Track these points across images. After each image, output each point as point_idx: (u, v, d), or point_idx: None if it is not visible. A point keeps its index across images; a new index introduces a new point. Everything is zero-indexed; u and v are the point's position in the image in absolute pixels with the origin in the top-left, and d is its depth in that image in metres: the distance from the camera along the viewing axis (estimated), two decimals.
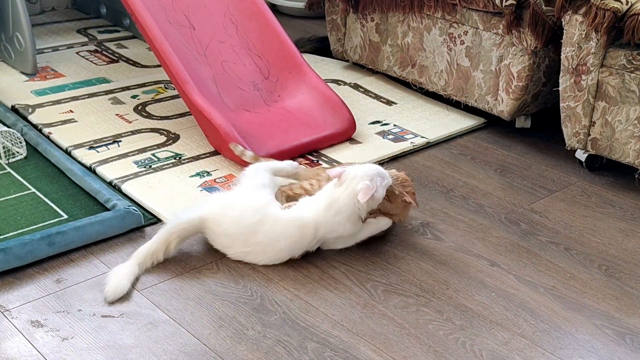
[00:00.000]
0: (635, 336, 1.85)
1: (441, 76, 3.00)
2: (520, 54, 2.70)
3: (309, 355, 1.75)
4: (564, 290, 2.02)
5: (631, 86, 2.41)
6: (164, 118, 2.87)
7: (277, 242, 2.02)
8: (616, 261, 2.15)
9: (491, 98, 2.84)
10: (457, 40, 2.90)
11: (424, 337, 1.83)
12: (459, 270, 2.09)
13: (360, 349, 1.78)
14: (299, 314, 1.89)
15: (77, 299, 1.91)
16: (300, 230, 2.03)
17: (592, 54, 2.45)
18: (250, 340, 1.79)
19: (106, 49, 3.53)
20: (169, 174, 2.48)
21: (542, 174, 2.63)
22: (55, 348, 1.74)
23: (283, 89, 2.85)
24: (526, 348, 1.80)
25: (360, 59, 3.30)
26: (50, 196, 2.33)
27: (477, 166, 2.67)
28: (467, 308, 1.94)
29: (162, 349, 1.76)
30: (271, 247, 2.03)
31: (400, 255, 2.14)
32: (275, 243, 2.02)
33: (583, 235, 2.28)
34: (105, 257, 2.08)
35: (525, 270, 2.10)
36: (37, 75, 3.18)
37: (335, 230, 2.06)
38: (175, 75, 2.60)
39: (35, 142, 2.61)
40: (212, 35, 2.84)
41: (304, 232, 2.03)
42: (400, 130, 2.87)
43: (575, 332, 1.87)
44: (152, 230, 2.21)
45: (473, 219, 2.34)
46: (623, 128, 2.46)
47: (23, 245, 2.00)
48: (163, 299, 1.92)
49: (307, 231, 2.03)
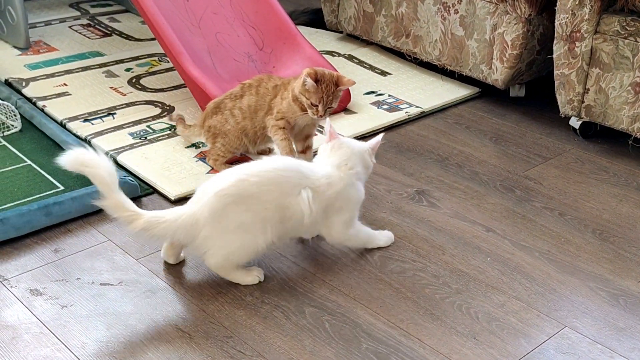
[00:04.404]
0: (628, 297, 1.88)
1: (435, 46, 2.99)
2: (514, 22, 2.70)
3: (307, 319, 1.77)
4: (559, 254, 2.04)
5: (625, 52, 2.42)
6: (158, 90, 2.86)
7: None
8: (610, 225, 2.17)
9: (485, 67, 2.85)
10: (451, 9, 2.89)
11: (420, 301, 1.84)
12: (455, 236, 2.10)
13: (358, 312, 1.80)
14: (297, 279, 1.91)
15: (76, 268, 1.92)
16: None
17: (585, 20, 2.45)
18: (248, 306, 1.81)
19: (99, 23, 3.51)
20: (165, 145, 2.48)
21: (537, 142, 2.64)
22: (55, 315, 1.76)
23: (277, 60, 2.84)
24: (521, 310, 1.82)
25: (354, 30, 3.29)
26: (46, 168, 2.33)
27: (472, 135, 2.68)
28: (463, 272, 1.95)
29: (161, 315, 1.77)
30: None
31: (396, 222, 2.15)
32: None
33: (577, 200, 2.29)
34: (103, 227, 2.09)
35: (520, 235, 2.11)
36: (30, 49, 3.17)
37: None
38: (170, 46, 2.59)
39: (29, 115, 2.61)
40: (206, 7, 2.83)
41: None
42: (395, 100, 2.87)
43: (570, 294, 1.89)
44: (148, 200, 2.22)
45: (468, 186, 2.35)
46: (617, 94, 2.47)
47: (20, 215, 2.00)
48: (161, 267, 1.94)
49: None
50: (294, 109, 2.22)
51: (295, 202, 1.83)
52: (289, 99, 2.23)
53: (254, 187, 1.79)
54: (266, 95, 2.28)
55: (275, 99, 2.27)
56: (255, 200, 1.79)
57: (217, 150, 2.32)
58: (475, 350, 1.69)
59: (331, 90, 2.17)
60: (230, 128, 2.29)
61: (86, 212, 2.12)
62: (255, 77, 2.33)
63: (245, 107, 2.29)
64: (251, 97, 2.29)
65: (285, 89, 2.27)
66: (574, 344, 1.73)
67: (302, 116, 2.22)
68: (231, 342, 1.69)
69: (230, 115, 2.29)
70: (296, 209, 1.83)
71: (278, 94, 2.27)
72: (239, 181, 1.80)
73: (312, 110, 2.18)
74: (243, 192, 1.79)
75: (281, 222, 1.83)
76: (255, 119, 2.29)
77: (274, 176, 1.82)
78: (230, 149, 2.31)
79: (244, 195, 1.79)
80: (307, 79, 2.15)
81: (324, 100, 2.16)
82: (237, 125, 2.29)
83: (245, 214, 1.79)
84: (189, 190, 2.24)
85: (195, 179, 2.30)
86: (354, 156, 1.95)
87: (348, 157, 1.93)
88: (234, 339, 1.70)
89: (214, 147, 2.32)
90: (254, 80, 2.32)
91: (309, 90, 2.16)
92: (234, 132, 2.29)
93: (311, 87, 2.15)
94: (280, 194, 1.82)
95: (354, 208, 1.95)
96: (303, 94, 2.17)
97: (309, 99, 2.16)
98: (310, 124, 2.29)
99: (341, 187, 1.90)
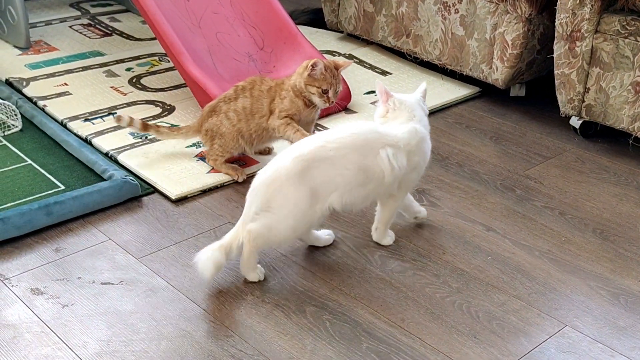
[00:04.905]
0: (629, 296, 1.88)
1: (436, 45, 2.99)
2: (514, 22, 2.70)
3: (308, 318, 1.77)
4: (559, 254, 2.04)
5: (625, 52, 2.42)
6: (159, 90, 2.87)
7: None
8: (610, 225, 2.17)
9: (486, 66, 2.85)
10: (451, 9, 2.90)
11: (421, 300, 1.84)
12: (455, 235, 2.11)
13: (358, 312, 1.80)
14: (297, 279, 1.91)
15: (77, 267, 1.92)
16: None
17: (586, 20, 2.45)
18: (249, 305, 1.81)
19: (99, 23, 3.51)
20: (165, 145, 2.48)
21: (537, 141, 2.64)
22: (55, 314, 1.76)
23: (278, 59, 2.85)
24: (522, 309, 1.82)
25: (354, 29, 3.29)
26: (47, 168, 2.33)
27: (472, 134, 2.68)
28: (464, 271, 1.95)
29: (162, 314, 1.77)
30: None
31: (397, 221, 2.15)
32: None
33: (577, 200, 2.29)
34: (104, 226, 2.09)
35: (520, 235, 2.11)
36: (31, 49, 3.17)
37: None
38: (170, 46, 2.59)
39: (30, 114, 2.61)
40: (206, 7, 2.84)
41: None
42: None
43: (570, 293, 1.89)
44: (149, 199, 2.22)
45: (469, 186, 2.35)
46: (617, 94, 2.47)
47: (21, 215, 2.00)
48: (162, 266, 1.94)
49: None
50: (298, 104, 2.24)
51: (375, 163, 1.87)
52: (291, 96, 2.24)
53: (333, 152, 1.83)
54: (261, 97, 2.29)
55: (273, 102, 2.28)
56: (332, 165, 1.83)
57: (215, 151, 2.32)
58: (475, 349, 1.69)
59: (335, 74, 2.23)
60: (226, 130, 2.30)
61: (87, 211, 2.12)
62: (247, 80, 2.34)
63: (240, 110, 2.29)
64: (245, 99, 2.29)
65: (281, 89, 2.29)
66: (575, 343, 1.73)
67: (306, 111, 2.24)
68: (232, 341, 1.70)
69: (225, 118, 2.30)
70: (376, 170, 1.87)
71: (275, 96, 2.28)
72: (319, 147, 1.84)
73: (322, 99, 2.22)
74: (320, 157, 1.83)
75: (362, 185, 1.87)
76: (251, 121, 2.29)
77: (351, 140, 1.87)
78: (227, 150, 2.32)
79: (321, 160, 1.83)
80: (316, 67, 2.19)
81: (334, 84, 2.21)
82: (232, 127, 2.30)
83: (317, 180, 1.82)
84: (189, 189, 2.25)
85: (196, 178, 2.30)
86: (417, 108, 2.00)
87: (413, 110, 1.98)
88: (235, 338, 1.70)
89: (212, 148, 2.33)
90: (247, 83, 2.32)
91: (317, 78, 2.20)
92: (230, 134, 2.30)
93: (320, 74, 2.19)
94: (360, 156, 1.86)
95: (424, 166, 2.00)
96: (312, 85, 2.20)
97: (319, 87, 2.20)
98: (310, 122, 2.30)
99: (418, 139, 1.95)
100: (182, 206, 2.20)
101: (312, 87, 2.21)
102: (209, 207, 2.20)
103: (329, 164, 1.83)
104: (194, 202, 2.22)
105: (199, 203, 2.21)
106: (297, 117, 2.26)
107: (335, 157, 1.83)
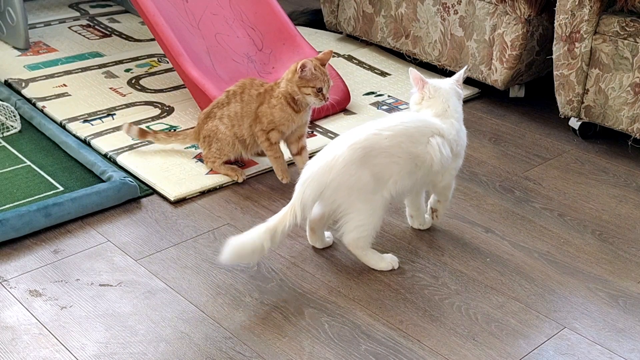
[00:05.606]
0: (628, 298, 1.88)
1: (435, 46, 2.99)
2: (513, 23, 2.70)
3: (306, 320, 1.77)
4: (558, 255, 2.04)
5: (624, 53, 2.42)
6: (158, 91, 2.86)
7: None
8: (609, 226, 2.17)
9: (485, 67, 2.85)
10: (450, 10, 2.90)
11: (419, 302, 1.84)
12: (454, 237, 2.10)
13: (357, 313, 1.80)
14: (296, 280, 1.91)
15: (75, 269, 1.92)
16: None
17: (585, 21, 2.45)
18: (247, 307, 1.81)
19: (99, 24, 3.51)
20: (164, 146, 2.47)
21: (536, 143, 2.64)
22: (54, 316, 1.76)
23: (277, 60, 2.84)
24: (521, 311, 1.82)
25: (354, 30, 3.29)
26: (46, 169, 2.33)
27: (471, 135, 2.66)
28: (462, 273, 1.95)
29: (160, 316, 1.77)
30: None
31: (395, 223, 2.15)
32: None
33: (577, 201, 2.29)
34: (102, 227, 2.09)
35: (519, 236, 2.11)
36: (30, 50, 3.17)
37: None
38: (169, 47, 2.59)
39: (29, 115, 2.61)
40: (205, 8, 2.83)
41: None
42: (395, 100, 2.87)
43: (569, 295, 1.89)
44: (147, 201, 2.22)
45: (467, 187, 2.35)
46: (616, 95, 2.47)
47: (20, 216, 2.00)
48: (160, 268, 1.94)
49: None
50: (287, 113, 2.23)
51: (425, 151, 1.90)
52: (281, 104, 2.23)
53: (387, 140, 1.86)
54: (250, 102, 2.28)
55: (261, 107, 2.27)
56: (387, 153, 1.86)
57: (213, 154, 2.33)
58: (474, 351, 1.69)
59: (323, 70, 2.24)
60: (222, 135, 2.30)
61: (85, 212, 2.12)
62: (238, 83, 2.33)
63: (232, 115, 2.29)
64: (236, 104, 2.29)
65: (270, 96, 2.26)
66: (573, 344, 1.73)
67: (297, 118, 2.23)
68: (230, 343, 1.69)
69: (220, 123, 2.30)
70: (426, 157, 1.90)
71: (264, 101, 2.27)
72: (373, 135, 1.87)
73: (317, 98, 2.22)
74: (376, 144, 1.85)
75: (410, 173, 1.90)
76: (242, 126, 2.29)
77: (403, 128, 1.90)
78: (224, 153, 2.32)
79: (377, 148, 1.85)
80: (305, 68, 2.19)
81: (326, 80, 2.22)
82: (227, 131, 2.30)
83: (376, 167, 1.84)
84: (188, 191, 2.25)
85: (195, 179, 2.30)
86: (452, 96, 2.03)
87: (447, 99, 2.01)
88: (233, 340, 1.70)
89: (210, 151, 2.33)
90: (237, 87, 2.32)
91: (309, 78, 2.20)
92: (225, 138, 2.30)
93: (310, 74, 2.19)
94: (411, 143, 1.89)
95: (463, 153, 2.04)
96: (305, 86, 2.20)
97: (314, 86, 2.20)
98: (303, 124, 2.30)
99: (457, 129, 1.99)
100: (181, 207, 2.20)
101: (306, 88, 2.20)
102: (207, 208, 2.20)
103: (385, 152, 1.86)
104: (193, 203, 2.22)
105: (198, 204, 2.21)
106: (287, 129, 2.26)
107: (390, 145, 1.86)
